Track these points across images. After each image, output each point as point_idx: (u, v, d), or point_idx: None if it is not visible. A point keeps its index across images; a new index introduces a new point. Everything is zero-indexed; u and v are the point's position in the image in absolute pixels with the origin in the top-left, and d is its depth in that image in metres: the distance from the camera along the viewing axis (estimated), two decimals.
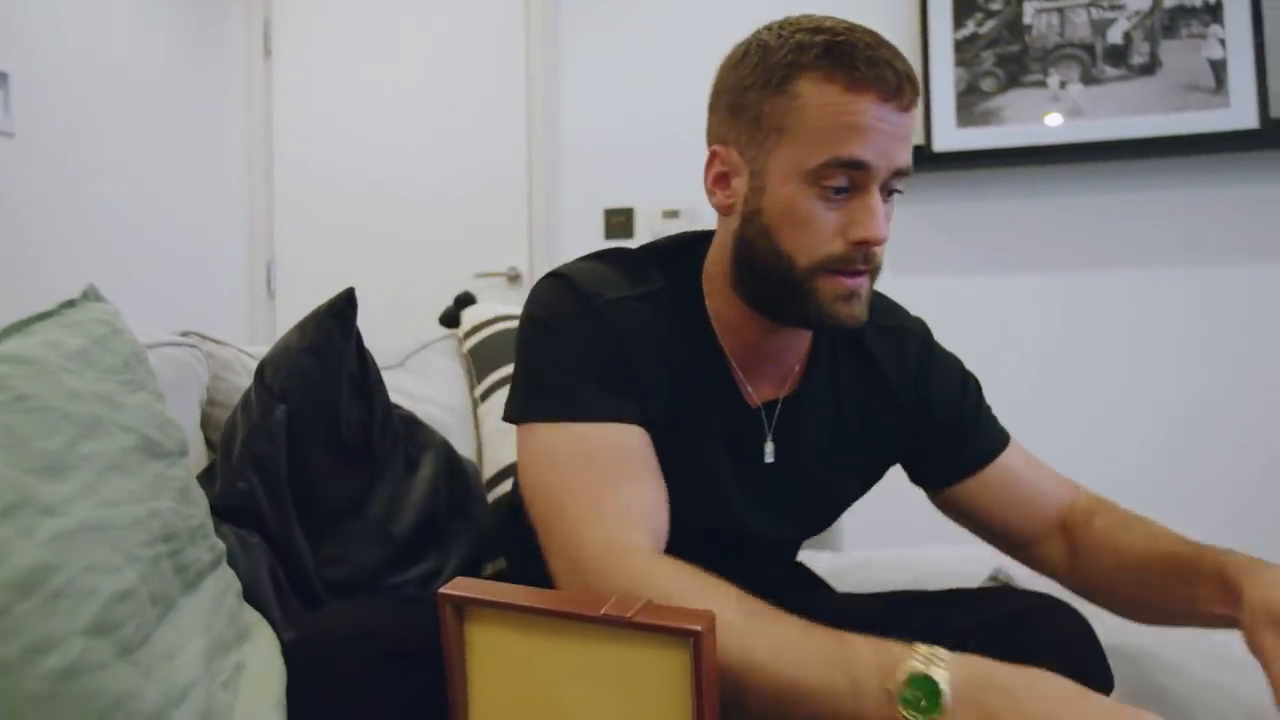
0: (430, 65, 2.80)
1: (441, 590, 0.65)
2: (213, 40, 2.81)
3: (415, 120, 2.80)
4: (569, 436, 0.75)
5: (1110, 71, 2.22)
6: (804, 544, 1.06)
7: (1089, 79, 2.23)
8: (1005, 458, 0.91)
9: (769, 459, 0.86)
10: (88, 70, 2.32)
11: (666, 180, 2.56)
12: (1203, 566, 0.76)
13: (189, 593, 0.71)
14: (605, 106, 2.63)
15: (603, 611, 0.58)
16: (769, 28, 0.79)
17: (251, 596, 0.83)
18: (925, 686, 0.56)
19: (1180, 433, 2.20)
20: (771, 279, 0.77)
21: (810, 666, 0.60)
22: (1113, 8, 2.24)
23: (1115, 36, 2.23)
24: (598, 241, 2.64)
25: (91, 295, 0.75)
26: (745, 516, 0.86)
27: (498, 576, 0.99)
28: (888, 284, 0.93)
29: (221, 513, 0.87)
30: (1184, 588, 0.77)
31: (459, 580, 0.66)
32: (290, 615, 0.88)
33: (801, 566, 1.07)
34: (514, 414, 0.80)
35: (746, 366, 0.85)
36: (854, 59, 0.72)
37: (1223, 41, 2.15)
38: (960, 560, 1.30)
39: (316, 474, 0.94)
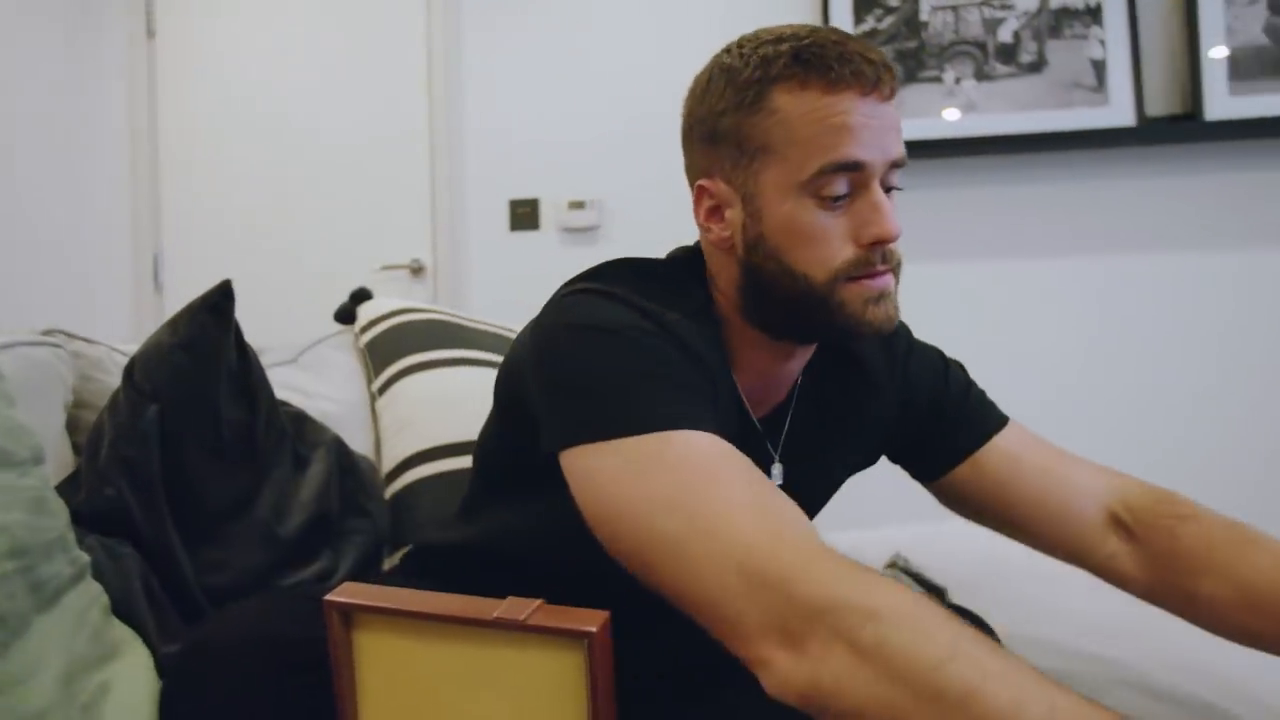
0: (327, 48, 2.69)
1: (327, 597, 0.62)
2: (92, 19, 2.64)
3: (311, 106, 2.69)
4: (672, 443, 0.63)
5: (1001, 69, 2.30)
6: None
7: (982, 75, 2.30)
8: (1002, 440, 0.87)
9: (778, 481, 0.83)
10: None
11: (573, 171, 2.53)
12: None
13: (45, 611, 0.65)
14: (510, 94, 2.58)
15: (495, 615, 0.56)
16: (727, 50, 0.76)
17: (122, 610, 0.77)
18: None
19: (1053, 420, 2.30)
20: (791, 302, 0.73)
21: None
22: (1003, 7, 2.31)
23: (1005, 35, 2.31)
24: (503, 233, 2.59)
25: None
26: None
27: (402, 569, 0.94)
28: None
29: (87, 522, 0.81)
30: None
31: (346, 585, 0.63)
32: (167, 627, 0.83)
33: None
34: (580, 433, 0.65)
35: (750, 389, 0.81)
36: (825, 59, 0.70)
37: (1103, 42, 2.25)
38: (866, 545, 1.32)
39: (194, 476, 0.89)
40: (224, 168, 2.73)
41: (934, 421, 0.89)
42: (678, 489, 0.61)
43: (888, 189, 0.73)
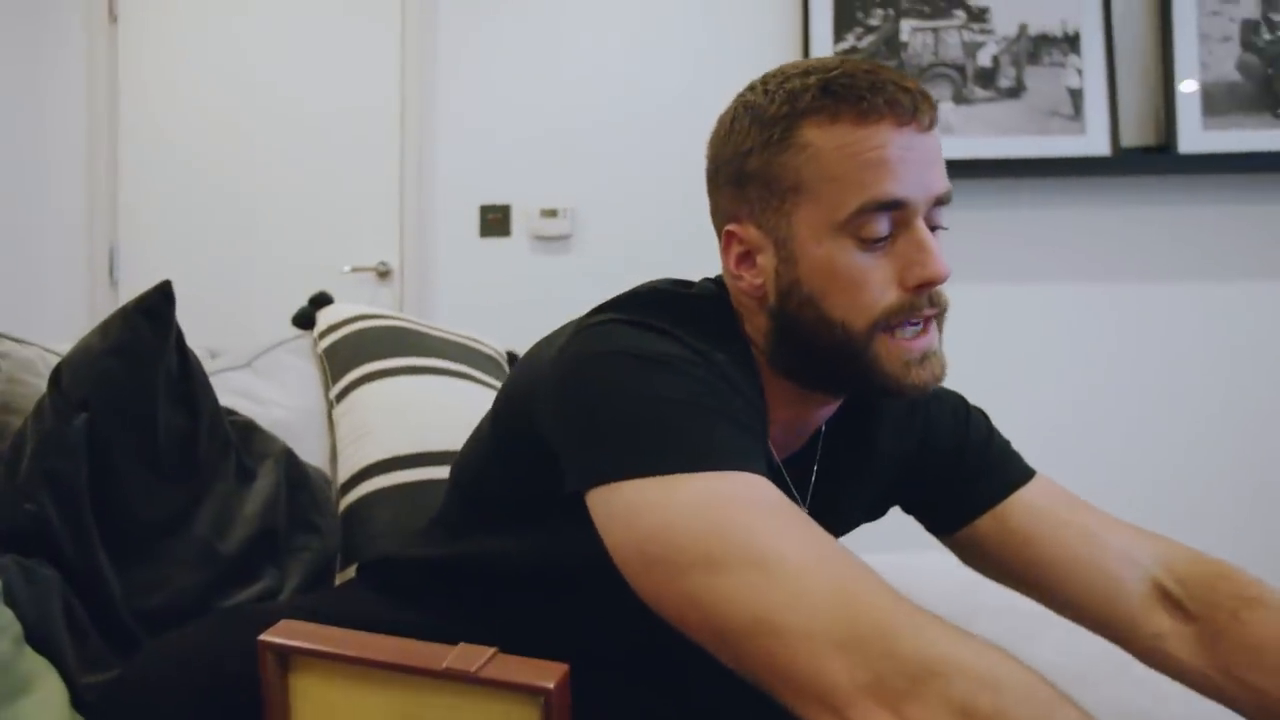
0: (297, 42, 2.62)
1: (262, 637, 0.56)
2: (51, 0, 2.55)
3: (279, 101, 2.62)
4: (736, 483, 0.57)
5: (980, 93, 2.30)
6: None
7: (960, 98, 2.30)
8: (1028, 493, 0.80)
9: None
10: None
11: (546, 178, 2.48)
12: None
13: None
14: (484, 98, 2.53)
15: (445, 665, 0.51)
16: (751, 88, 0.71)
17: (38, 637, 0.71)
18: None
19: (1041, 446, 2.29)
20: (827, 353, 0.68)
21: None
22: (983, 32, 2.31)
23: (985, 59, 2.31)
24: (473, 239, 2.53)
25: None
26: None
27: (361, 583, 0.88)
28: None
29: (4, 540, 0.74)
30: None
31: (284, 624, 0.57)
32: (88, 656, 0.77)
33: None
34: (621, 468, 0.58)
35: (775, 437, 0.75)
36: (856, 89, 0.65)
37: (1080, 71, 2.26)
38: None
39: (127, 491, 0.82)
40: (187, 160, 2.64)
41: (954, 468, 0.83)
42: (750, 533, 0.54)
43: (933, 227, 0.68)
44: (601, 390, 0.62)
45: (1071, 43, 2.27)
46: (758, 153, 0.68)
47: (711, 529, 0.54)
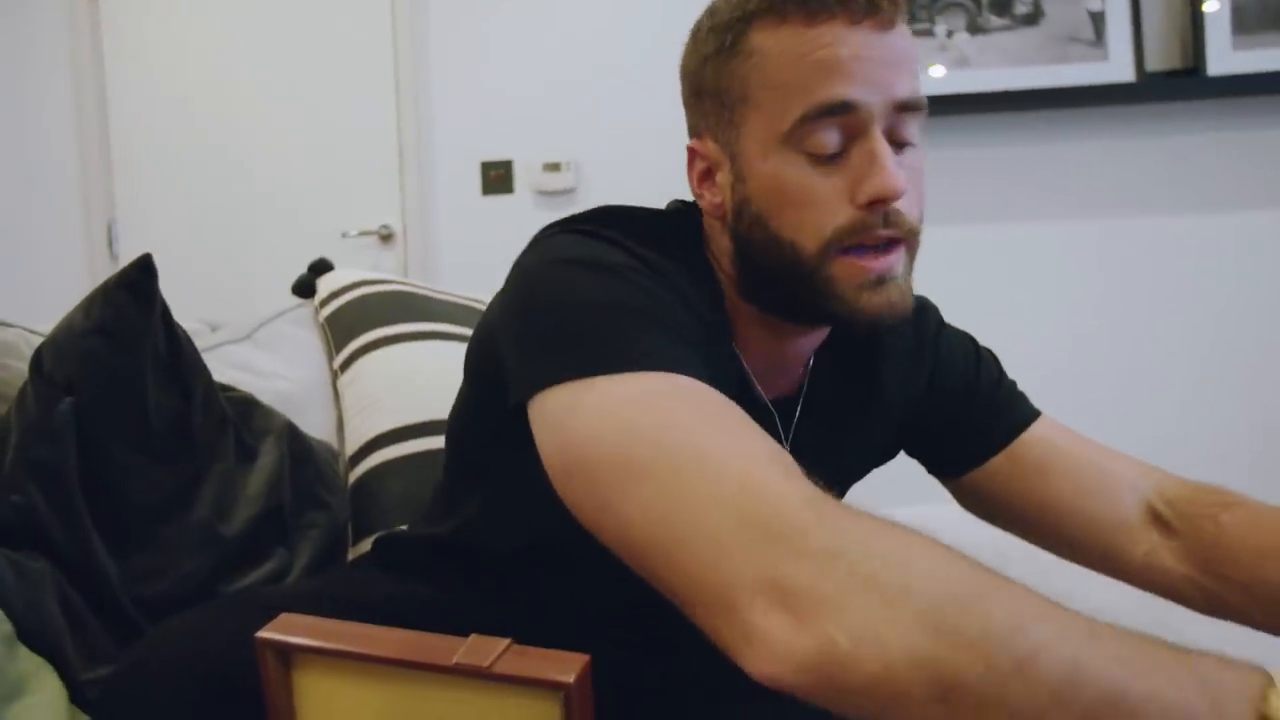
0: (288, 2, 2.53)
1: (260, 634, 0.52)
2: None
3: (272, 63, 2.54)
4: (660, 381, 0.54)
5: (995, 21, 2.19)
6: None
7: (975, 28, 2.20)
8: (1039, 430, 0.79)
9: None
10: None
11: (548, 131, 2.40)
12: None
13: None
14: (481, 51, 2.44)
15: (455, 660, 0.47)
16: None
17: (32, 634, 0.68)
18: None
19: (1048, 390, 2.24)
20: (781, 276, 0.63)
21: (1157, 679, 0.41)
22: None
23: None
24: (475, 197, 2.47)
25: None
26: None
27: (370, 561, 0.85)
28: None
29: None
30: None
31: (284, 619, 0.53)
32: (91, 649, 0.73)
33: None
34: (553, 374, 0.55)
35: (757, 368, 0.72)
36: None
37: None
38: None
39: (119, 475, 0.78)
40: (180, 130, 2.58)
41: (965, 409, 0.80)
42: (664, 429, 0.51)
43: (902, 143, 0.62)
44: (538, 298, 0.60)
45: None
46: (711, 61, 0.64)
47: (628, 431, 0.51)
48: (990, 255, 2.28)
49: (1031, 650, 0.41)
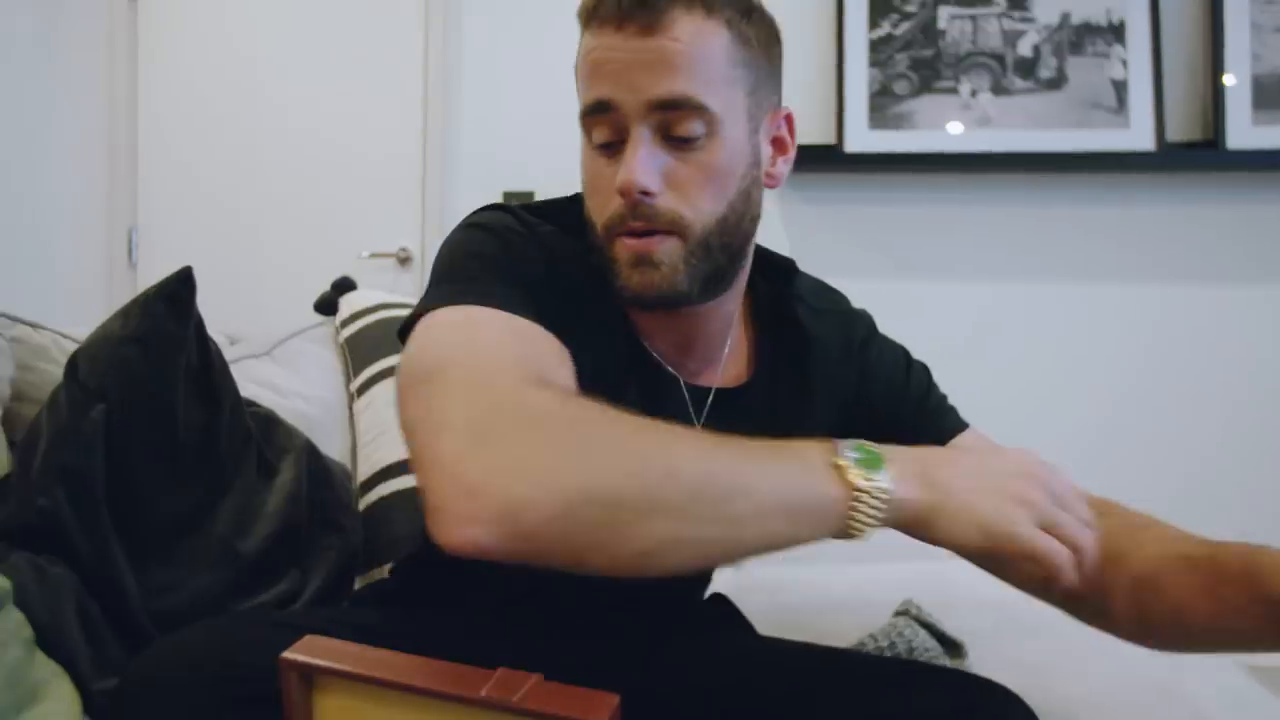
0: (320, 24, 2.58)
1: (284, 655, 0.53)
2: None
3: (301, 82, 2.58)
4: (482, 311, 0.63)
5: (1019, 83, 2.23)
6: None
7: (999, 89, 2.23)
8: (964, 441, 0.81)
9: None
10: None
11: (571, 162, 2.42)
12: (1227, 569, 0.59)
13: None
14: (509, 81, 2.48)
15: (484, 693, 0.47)
16: None
17: (51, 640, 0.68)
18: (869, 455, 0.56)
19: (1074, 443, 2.24)
20: (596, 252, 0.72)
21: (766, 464, 0.55)
22: (1024, 20, 2.24)
23: (1025, 49, 2.24)
24: None
25: None
26: None
27: (375, 590, 0.86)
28: None
29: (14, 537, 0.71)
30: (1206, 600, 0.60)
31: (307, 641, 0.54)
32: (104, 660, 0.73)
33: (723, 600, 0.96)
34: (421, 307, 0.65)
35: (668, 350, 0.77)
36: None
37: (1125, 62, 2.18)
38: (869, 583, 1.24)
39: (144, 486, 0.79)
40: (207, 143, 2.61)
41: (893, 416, 0.82)
42: (458, 345, 0.59)
43: (682, 138, 0.67)
44: (441, 250, 0.71)
45: (1116, 32, 2.19)
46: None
47: (433, 346, 0.60)
48: (1008, 313, 2.29)
49: (673, 465, 0.51)
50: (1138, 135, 2.16)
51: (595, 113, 0.67)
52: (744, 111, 0.69)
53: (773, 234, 2.23)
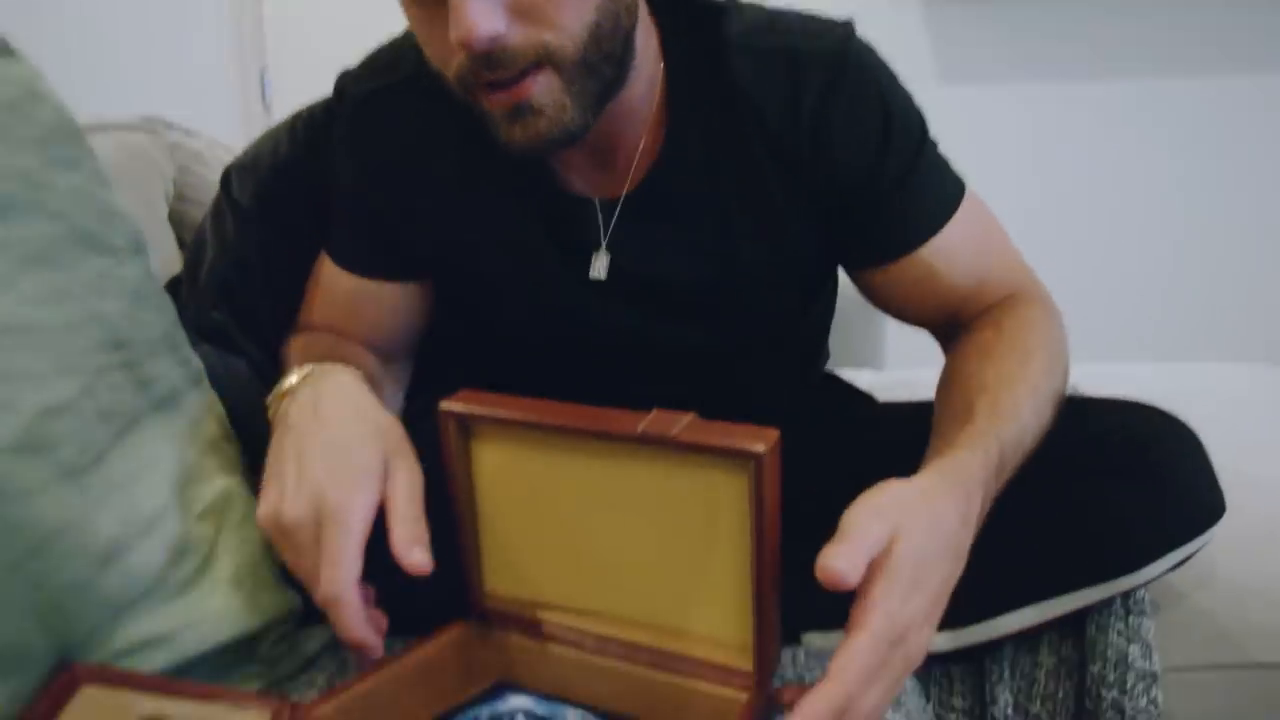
0: None
1: (443, 404, 0.55)
2: None
3: None
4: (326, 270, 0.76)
5: None
6: (839, 364, 0.94)
7: None
8: (928, 251, 0.68)
9: (600, 275, 0.70)
10: None
11: None
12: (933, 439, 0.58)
13: (159, 411, 0.61)
14: None
15: (640, 429, 0.47)
16: None
17: (244, 426, 0.72)
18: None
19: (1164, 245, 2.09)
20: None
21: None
22: None
23: None
24: None
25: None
26: (597, 323, 0.72)
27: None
28: None
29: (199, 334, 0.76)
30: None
31: (464, 393, 0.55)
32: None
33: (834, 379, 0.92)
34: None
35: (581, 166, 0.69)
36: None
37: None
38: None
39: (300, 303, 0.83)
40: None
41: (858, 206, 0.68)
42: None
43: None
44: None
45: None
46: None
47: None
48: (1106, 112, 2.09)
49: None
50: None
51: None
52: None
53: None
